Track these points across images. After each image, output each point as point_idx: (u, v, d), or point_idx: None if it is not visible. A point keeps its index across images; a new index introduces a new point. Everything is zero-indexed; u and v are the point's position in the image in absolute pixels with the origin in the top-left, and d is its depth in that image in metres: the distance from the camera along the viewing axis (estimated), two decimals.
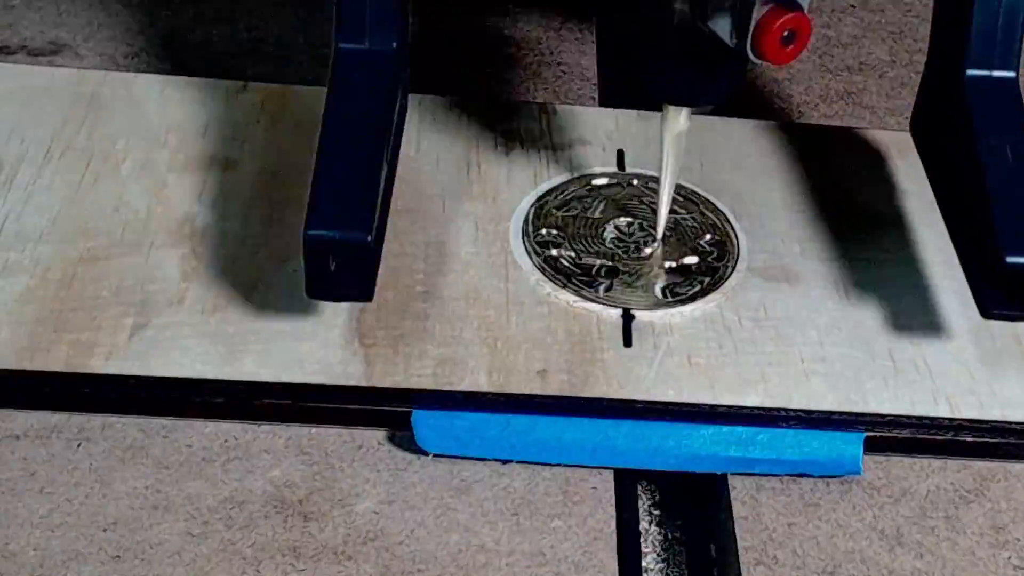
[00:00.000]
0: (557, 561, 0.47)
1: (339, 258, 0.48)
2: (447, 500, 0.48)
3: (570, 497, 0.49)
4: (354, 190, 0.49)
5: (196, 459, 0.49)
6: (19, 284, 0.53)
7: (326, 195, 0.48)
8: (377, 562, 0.46)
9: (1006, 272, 0.49)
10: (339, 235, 0.47)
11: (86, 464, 0.48)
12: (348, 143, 0.50)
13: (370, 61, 0.52)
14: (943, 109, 0.56)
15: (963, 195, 0.53)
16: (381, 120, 0.51)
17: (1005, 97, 0.53)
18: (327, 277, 0.48)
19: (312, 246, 0.47)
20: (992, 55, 0.53)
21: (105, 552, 0.46)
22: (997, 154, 0.51)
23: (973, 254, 0.52)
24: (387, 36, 0.53)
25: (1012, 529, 0.49)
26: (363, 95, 0.52)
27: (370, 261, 0.49)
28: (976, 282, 0.51)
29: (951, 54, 0.54)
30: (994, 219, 0.49)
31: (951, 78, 0.54)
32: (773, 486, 0.50)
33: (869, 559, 0.48)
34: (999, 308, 0.50)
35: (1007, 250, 0.49)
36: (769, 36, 0.46)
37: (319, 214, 0.48)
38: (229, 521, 0.47)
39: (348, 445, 0.50)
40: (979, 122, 0.52)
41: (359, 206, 0.48)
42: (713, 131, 0.64)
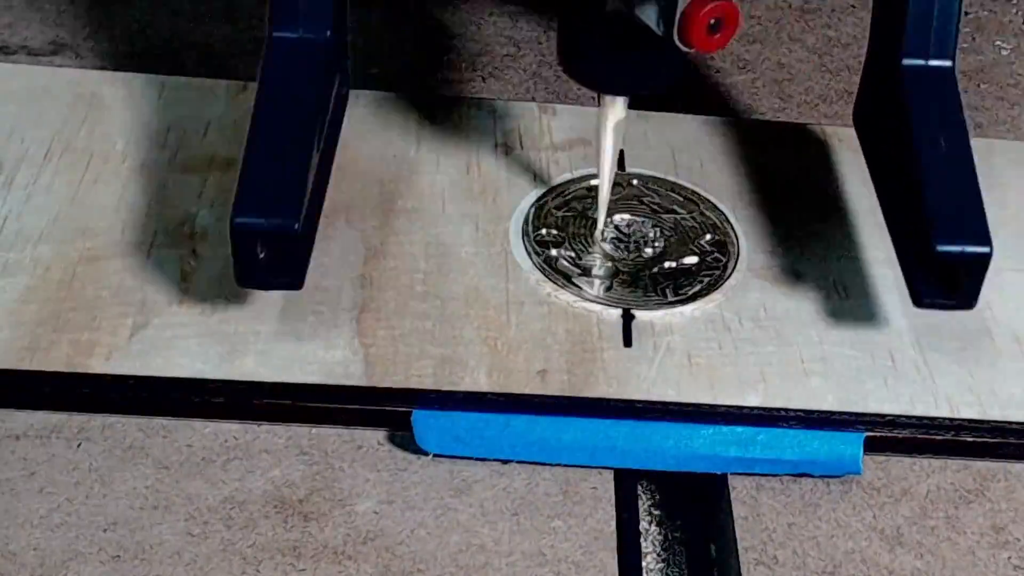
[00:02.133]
0: (557, 561, 0.47)
1: (267, 246, 0.48)
2: (447, 500, 0.48)
3: (570, 497, 0.49)
4: (283, 178, 0.49)
5: (196, 459, 0.49)
6: (19, 284, 0.53)
7: (254, 183, 0.48)
8: (377, 562, 0.46)
9: (938, 260, 0.49)
10: (266, 223, 0.47)
11: (86, 464, 0.48)
12: (278, 131, 0.50)
13: (303, 49, 0.53)
14: (881, 98, 0.56)
15: (898, 184, 0.53)
16: (313, 108, 0.52)
17: (941, 86, 0.54)
18: (256, 265, 0.48)
19: (239, 234, 0.47)
20: (928, 44, 0.54)
21: (105, 552, 0.46)
22: (931, 143, 0.52)
23: (907, 243, 0.52)
24: (321, 24, 0.53)
25: (1012, 529, 0.49)
26: (295, 83, 0.52)
27: (299, 249, 0.49)
28: (909, 270, 0.52)
29: (889, 43, 0.55)
30: (927, 208, 0.50)
31: (889, 67, 0.55)
32: (773, 486, 0.50)
33: (869, 559, 0.48)
34: (931, 296, 0.50)
35: (939, 238, 0.49)
36: (695, 24, 0.46)
37: (246, 202, 0.48)
38: (229, 521, 0.47)
39: (348, 445, 0.50)
40: (915, 111, 0.53)
41: (287, 194, 0.48)
42: (713, 131, 0.64)
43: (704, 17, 0.46)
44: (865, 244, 0.58)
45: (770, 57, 0.72)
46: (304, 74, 0.52)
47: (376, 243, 0.56)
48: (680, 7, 0.47)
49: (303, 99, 0.52)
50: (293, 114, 0.51)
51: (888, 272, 0.57)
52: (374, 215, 0.57)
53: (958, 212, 0.50)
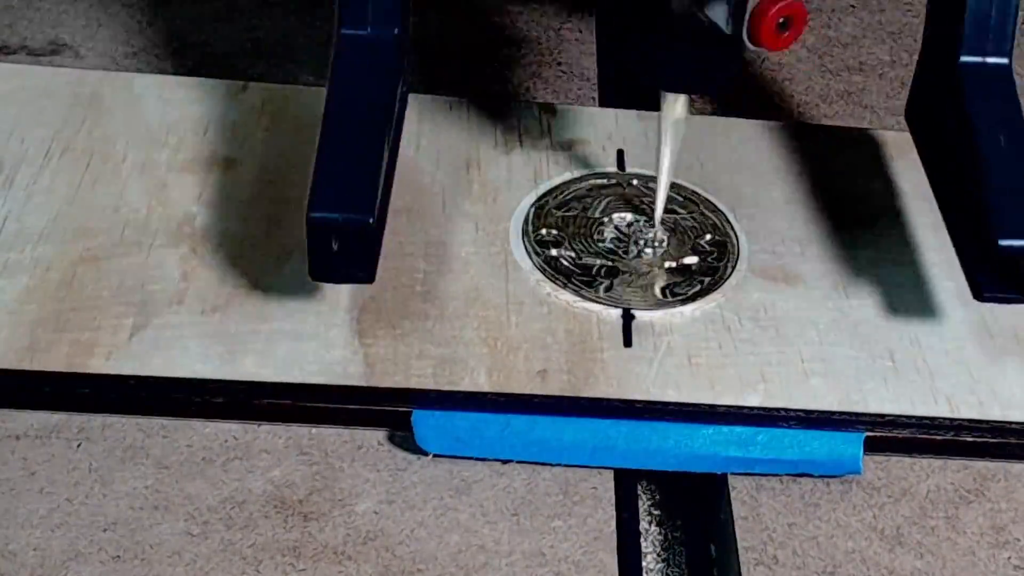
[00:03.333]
0: (557, 561, 0.47)
1: (342, 240, 0.48)
2: (447, 500, 0.48)
3: (570, 497, 0.49)
4: (356, 173, 0.49)
5: (196, 459, 0.49)
6: (19, 284, 0.53)
7: (329, 178, 0.49)
8: (377, 562, 0.46)
9: (1000, 254, 0.49)
10: (342, 217, 0.48)
11: (86, 464, 0.48)
12: (350, 127, 0.50)
13: (372, 47, 0.53)
14: (938, 96, 0.56)
15: (957, 181, 0.53)
16: (383, 105, 0.52)
17: (999, 84, 0.54)
18: (330, 259, 0.48)
19: (315, 227, 0.48)
20: (986, 42, 0.54)
21: (105, 552, 0.46)
22: (991, 139, 0.52)
23: (967, 238, 0.52)
24: (389, 22, 0.53)
25: (1012, 529, 0.49)
26: (365, 81, 0.52)
27: (373, 242, 0.49)
28: (970, 266, 0.51)
29: (945, 41, 0.55)
30: (988, 203, 0.50)
31: (945, 65, 0.55)
32: (773, 486, 0.50)
33: (869, 559, 0.48)
34: (992, 291, 0.50)
35: (1001, 233, 0.49)
36: (765, 23, 0.46)
37: (322, 196, 0.48)
38: (229, 521, 0.47)
39: (348, 445, 0.50)
40: (973, 108, 0.53)
41: (361, 188, 0.49)
42: (713, 131, 0.64)
43: (775, 16, 0.46)
44: (866, 244, 0.58)
45: (770, 57, 0.72)
46: (373, 72, 0.53)
47: None
48: (750, 6, 0.47)
49: (373, 96, 0.52)
50: (364, 111, 0.51)
51: (889, 271, 0.57)
52: None
53: (1019, 206, 0.50)
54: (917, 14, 0.77)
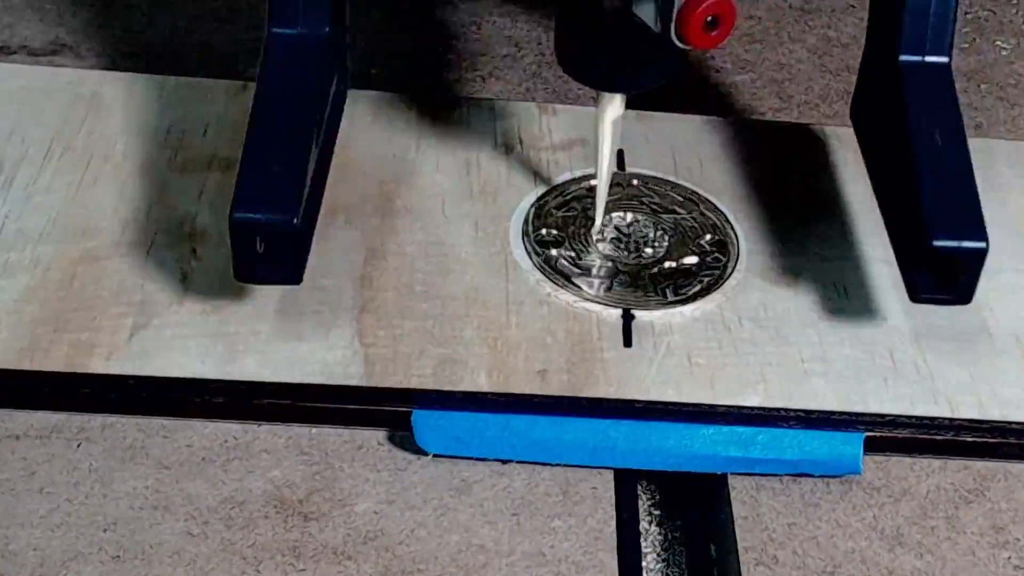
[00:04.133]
0: (557, 561, 0.47)
1: (266, 241, 0.48)
2: (447, 500, 0.48)
3: (570, 497, 0.49)
4: (282, 173, 0.49)
5: (196, 459, 0.49)
6: (19, 284, 0.53)
7: (253, 178, 0.49)
8: (377, 562, 0.46)
9: (934, 255, 0.49)
10: (265, 218, 0.48)
11: (86, 464, 0.48)
12: (276, 127, 0.50)
13: (302, 46, 0.53)
14: (878, 94, 0.56)
15: (895, 180, 0.53)
16: (312, 104, 0.52)
17: (938, 82, 0.54)
18: (255, 260, 0.48)
19: (238, 229, 0.48)
20: (925, 41, 0.54)
21: (105, 552, 0.46)
22: (927, 139, 0.52)
23: (904, 238, 0.52)
24: (320, 21, 0.53)
25: (1012, 529, 0.49)
26: (294, 79, 0.52)
27: (298, 244, 0.49)
28: (906, 266, 0.52)
29: (886, 40, 0.55)
30: (923, 203, 0.50)
31: (886, 64, 0.55)
32: (773, 486, 0.50)
33: (869, 559, 0.48)
34: (928, 292, 0.50)
35: (935, 233, 0.49)
36: (692, 21, 0.47)
37: (245, 197, 0.48)
38: (229, 521, 0.47)
39: (348, 445, 0.50)
40: (911, 107, 0.53)
41: (286, 189, 0.49)
42: (713, 131, 0.64)
43: (701, 14, 0.46)
44: (865, 244, 0.58)
45: (770, 57, 0.72)
46: (302, 71, 0.52)
47: (376, 243, 0.56)
48: (677, 4, 0.47)
49: (301, 95, 0.52)
50: (291, 110, 0.51)
51: (888, 272, 0.57)
52: (374, 215, 0.57)
53: (954, 207, 0.50)
54: None
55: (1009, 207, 0.61)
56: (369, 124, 0.62)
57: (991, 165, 0.63)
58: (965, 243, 0.49)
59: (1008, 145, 0.66)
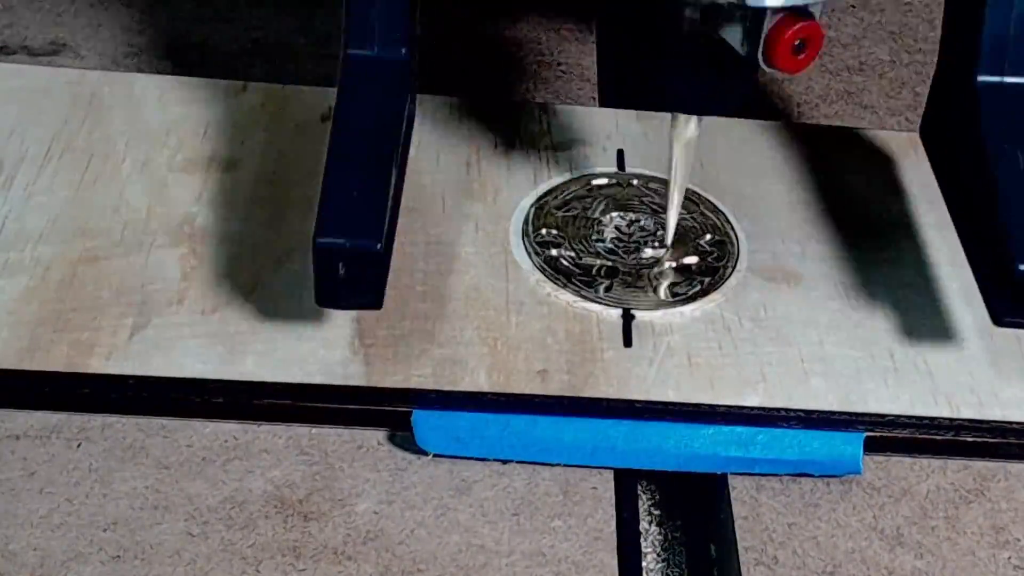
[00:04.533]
0: (557, 561, 0.47)
1: (349, 266, 0.47)
2: (447, 500, 0.48)
3: (570, 497, 0.49)
4: (364, 197, 0.48)
5: (196, 459, 0.49)
6: (19, 284, 0.53)
7: (335, 202, 0.48)
8: (377, 562, 0.46)
9: (1018, 280, 0.49)
10: (349, 243, 0.47)
11: (86, 464, 0.48)
12: (357, 150, 0.50)
13: (379, 68, 0.52)
14: (954, 115, 0.55)
15: (974, 203, 0.52)
16: (391, 127, 0.51)
17: (1017, 104, 0.53)
18: (337, 285, 0.48)
19: (322, 254, 0.47)
20: (1004, 61, 0.53)
21: (105, 552, 0.46)
22: (1009, 161, 0.51)
23: (985, 262, 0.51)
24: (396, 43, 0.53)
25: (1012, 529, 0.49)
26: (372, 102, 0.52)
27: (380, 269, 0.49)
28: (988, 290, 0.51)
29: (962, 59, 0.54)
30: (1006, 227, 0.49)
31: (962, 84, 0.54)
32: (773, 486, 0.50)
33: (869, 559, 0.48)
34: (1011, 316, 0.50)
35: (1019, 258, 0.48)
36: (780, 45, 0.46)
37: (329, 221, 0.47)
38: (229, 521, 0.47)
39: (348, 445, 0.50)
40: (990, 129, 0.52)
41: (369, 213, 0.48)
42: (713, 131, 0.64)
43: (791, 38, 0.45)
44: (866, 243, 0.58)
45: None
46: (381, 93, 0.52)
47: None
48: (766, 28, 0.46)
49: (381, 118, 0.51)
50: (371, 133, 0.50)
51: (889, 271, 0.57)
52: None
53: None
54: (917, 14, 0.77)
55: None
56: None
57: None
58: None
59: None
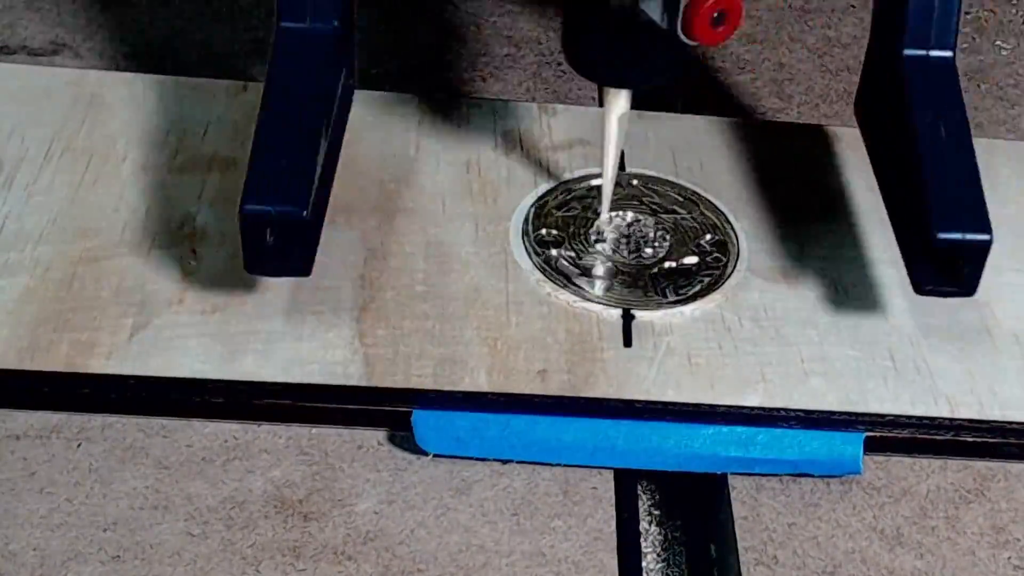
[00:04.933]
0: (557, 561, 0.47)
1: (276, 233, 0.48)
2: (447, 500, 0.48)
3: (570, 497, 0.49)
4: (292, 166, 0.49)
5: (196, 459, 0.49)
6: (19, 284, 0.53)
7: (262, 170, 0.49)
8: (377, 562, 0.46)
9: (938, 247, 0.49)
10: (275, 210, 0.48)
11: (86, 464, 0.48)
12: (286, 120, 0.51)
13: (311, 40, 0.53)
14: (882, 88, 0.56)
15: (899, 173, 0.53)
16: (321, 98, 0.52)
17: (942, 76, 0.54)
18: (265, 252, 0.48)
19: (248, 221, 0.48)
20: (929, 34, 0.54)
21: (105, 552, 0.46)
22: (932, 132, 0.52)
23: (907, 231, 0.52)
24: (328, 15, 0.53)
25: (1012, 529, 0.49)
26: (303, 73, 0.52)
27: (308, 235, 0.50)
28: (909, 258, 0.52)
29: (890, 33, 0.55)
30: (927, 195, 0.50)
31: (890, 57, 0.55)
32: (773, 486, 0.50)
33: (869, 559, 0.48)
34: (931, 283, 0.51)
35: (939, 225, 0.49)
36: (699, 16, 0.47)
37: (255, 189, 0.48)
38: (229, 521, 0.47)
39: (348, 445, 0.50)
40: (915, 100, 0.53)
41: (296, 181, 0.49)
42: (713, 131, 0.64)
43: (708, 10, 0.46)
44: (866, 244, 0.58)
45: (770, 57, 0.72)
46: (311, 65, 0.53)
47: (376, 243, 0.56)
48: (684, 0, 0.47)
49: (310, 89, 0.52)
50: (300, 104, 0.51)
51: (889, 271, 0.57)
52: (374, 215, 0.57)
53: (958, 199, 0.50)
54: None
55: (1009, 207, 0.61)
56: (370, 124, 0.62)
57: (991, 165, 0.63)
58: (969, 235, 0.49)
59: (1008, 145, 0.66)
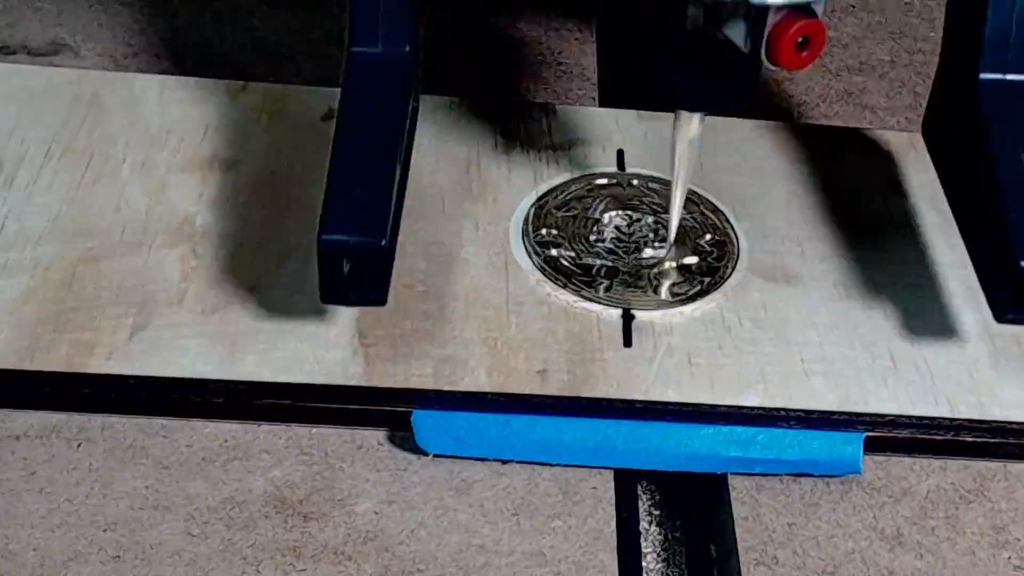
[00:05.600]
0: (557, 561, 0.47)
1: (353, 262, 0.47)
2: (447, 500, 0.48)
3: (570, 497, 0.49)
4: (368, 194, 0.49)
5: (196, 459, 0.49)
6: (19, 284, 0.53)
7: (340, 199, 0.48)
8: (377, 562, 0.46)
9: (1019, 275, 0.49)
10: (353, 240, 0.47)
11: (86, 464, 0.48)
12: (362, 147, 0.50)
13: (383, 65, 0.52)
14: (956, 113, 0.55)
15: (976, 200, 0.52)
16: (394, 124, 0.51)
17: (1019, 101, 0.53)
18: (341, 282, 0.48)
19: (327, 250, 0.47)
20: (1007, 59, 0.53)
21: (105, 552, 0.46)
22: (1010, 158, 0.51)
23: (987, 258, 0.51)
24: (399, 40, 0.53)
25: (1012, 529, 0.49)
26: (376, 99, 0.52)
27: (385, 265, 0.49)
28: (990, 286, 0.51)
29: (964, 57, 0.54)
30: (1008, 224, 0.49)
31: (964, 82, 0.54)
32: (773, 486, 0.50)
33: (869, 559, 0.48)
34: (1013, 312, 0.50)
35: (1020, 254, 0.48)
36: (784, 42, 0.46)
37: (334, 218, 0.47)
38: (229, 521, 0.47)
39: (348, 445, 0.50)
40: (992, 126, 0.52)
41: (373, 210, 0.48)
42: (714, 131, 0.64)
43: (794, 35, 0.46)
44: (866, 243, 0.58)
45: None
46: (385, 90, 0.52)
47: None
48: (769, 25, 0.46)
49: (385, 115, 0.51)
50: (376, 130, 0.51)
51: (888, 271, 0.57)
52: None
53: None
54: (918, 14, 0.77)
55: None
56: None
57: None
58: None
59: None
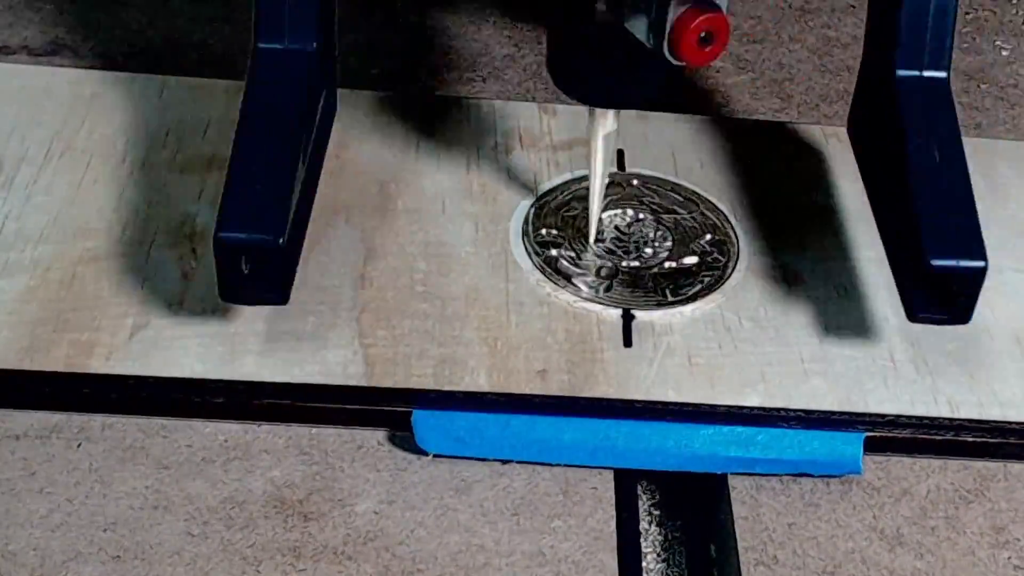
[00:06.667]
0: (557, 561, 0.47)
1: (251, 261, 0.47)
2: (447, 500, 0.48)
3: (570, 497, 0.49)
4: (268, 192, 0.48)
5: (196, 459, 0.49)
6: (19, 284, 0.53)
7: (238, 197, 0.48)
8: (377, 562, 0.46)
9: (931, 275, 0.48)
10: (250, 237, 0.47)
11: (86, 464, 0.48)
12: (263, 144, 0.50)
13: (289, 61, 0.52)
14: (875, 108, 0.55)
15: (892, 196, 0.53)
16: (298, 121, 0.51)
17: (935, 97, 0.53)
18: (240, 280, 0.48)
19: (223, 248, 0.47)
20: (922, 55, 0.53)
21: (105, 552, 0.46)
22: (925, 155, 0.51)
23: (900, 257, 0.51)
24: (306, 36, 0.52)
25: (1012, 529, 0.49)
26: (280, 95, 0.51)
27: (284, 264, 0.48)
28: (903, 284, 0.51)
29: (882, 53, 0.54)
30: (920, 221, 0.49)
31: (883, 78, 0.54)
32: (773, 486, 0.50)
33: (869, 559, 0.48)
34: (925, 311, 0.50)
35: (932, 253, 0.48)
36: (686, 37, 0.46)
37: (230, 216, 0.47)
38: (229, 521, 0.47)
39: (348, 445, 0.50)
40: (908, 122, 0.52)
41: (272, 208, 0.48)
42: (713, 131, 0.64)
43: (695, 30, 0.46)
44: (865, 244, 0.58)
45: (770, 57, 0.72)
46: (289, 86, 0.52)
47: (376, 243, 0.56)
48: (670, 20, 0.46)
49: (288, 112, 0.51)
50: (278, 127, 0.50)
51: (888, 272, 0.56)
52: (374, 215, 0.57)
53: (952, 226, 0.49)
54: None
55: (1009, 207, 0.61)
56: (369, 124, 0.62)
57: (991, 165, 0.63)
58: (963, 262, 0.48)
59: (1008, 145, 0.66)
